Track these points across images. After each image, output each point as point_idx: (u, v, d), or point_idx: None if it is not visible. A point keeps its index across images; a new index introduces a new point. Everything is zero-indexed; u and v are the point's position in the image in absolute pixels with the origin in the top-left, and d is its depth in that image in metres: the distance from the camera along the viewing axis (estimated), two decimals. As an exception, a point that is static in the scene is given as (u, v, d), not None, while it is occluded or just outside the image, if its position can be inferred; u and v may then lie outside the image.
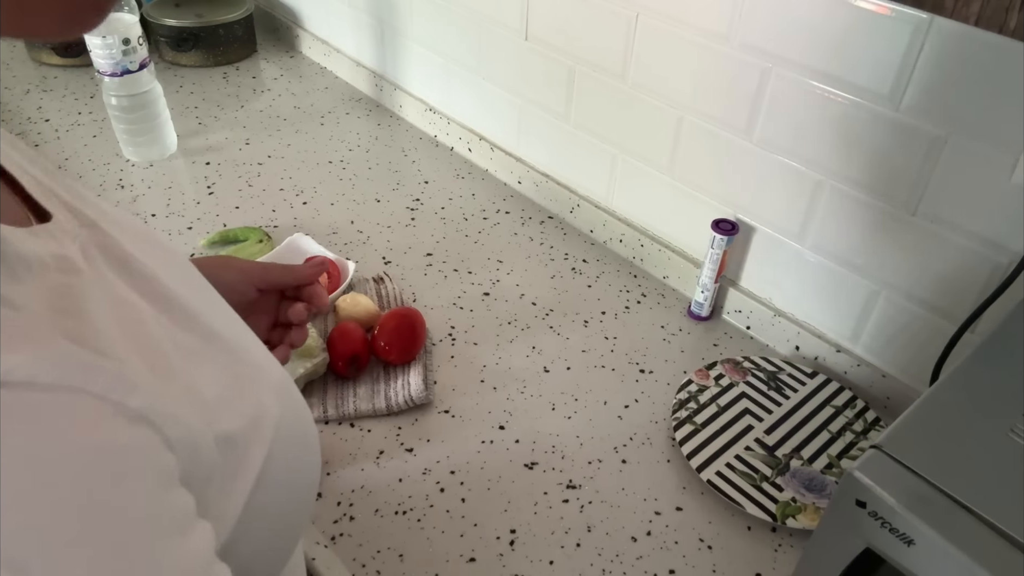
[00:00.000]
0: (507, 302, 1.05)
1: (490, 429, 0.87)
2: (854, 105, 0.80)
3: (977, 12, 0.45)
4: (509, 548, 0.75)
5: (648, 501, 0.80)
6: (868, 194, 0.83)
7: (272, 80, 1.56)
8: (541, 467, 0.83)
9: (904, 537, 0.47)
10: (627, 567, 0.74)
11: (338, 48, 1.56)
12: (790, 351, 0.99)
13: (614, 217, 1.13)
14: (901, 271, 0.84)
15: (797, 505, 0.79)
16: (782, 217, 0.93)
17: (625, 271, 1.12)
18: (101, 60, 1.16)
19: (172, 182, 1.24)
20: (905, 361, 0.89)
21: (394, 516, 0.78)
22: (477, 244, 1.15)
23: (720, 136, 0.95)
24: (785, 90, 0.85)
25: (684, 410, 0.88)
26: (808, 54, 0.82)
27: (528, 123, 1.21)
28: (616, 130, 1.08)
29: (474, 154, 1.33)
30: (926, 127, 0.76)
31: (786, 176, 0.90)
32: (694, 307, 1.03)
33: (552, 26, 1.08)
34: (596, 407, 0.91)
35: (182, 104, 1.45)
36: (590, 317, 1.03)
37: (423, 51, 1.35)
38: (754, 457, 0.83)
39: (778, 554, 0.76)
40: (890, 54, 0.75)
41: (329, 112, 1.46)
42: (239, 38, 1.59)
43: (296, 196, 1.23)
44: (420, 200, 1.24)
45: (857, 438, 0.86)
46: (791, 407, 0.89)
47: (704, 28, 0.90)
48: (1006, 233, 0.75)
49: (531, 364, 0.96)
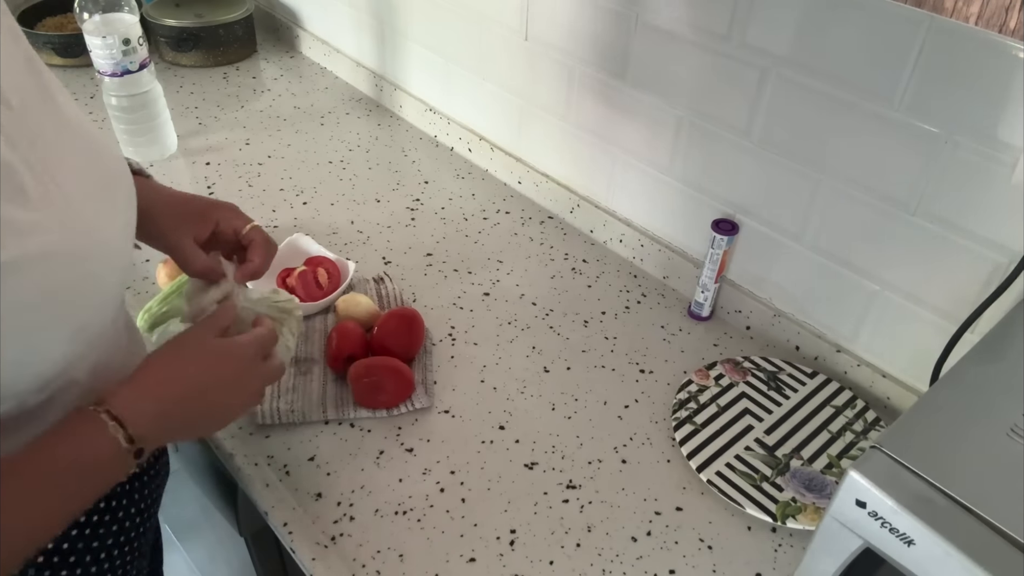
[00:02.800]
0: (507, 302, 1.05)
1: (490, 429, 0.87)
2: (854, 105, 0.80)
3: (977, 12, 0.45)
4: (509, 548, 0.75)
5: (648, 501, 0.80)
6: (868, 194, 0.83)
7: (272, 80, 1.56)
8: (541, 467, 0.83)
9: (904, 537, 0.47)
10: (627, 567, 0.74)
11: (338, 48, 1.56)
12: (790, 351, 0.99)
13: (614, 217, 1.13)
14: (901, 271, 0.84)
15: (797, 505, 0.79)
16: (782, 217, 0.93)
17: (625, 271, 1.12)
18: (101, 60, 1.16)
19: (172, 182, 1.24)
20: (905, 361, 0.89)
21: (394, 516, 0.78)
22: (477, 244, 1.15)
23: (720, 136, 0.95)
24: (785, 90, 0.85)
25: (684, 410, 0.88)
26: (808, 54, 0.82)
27: (528, 123, 1.21)
28: (616, 130, 1.08)
29: (474, 154, 1.33)
30: (926, 127, 0.76)
31: (786, 176, 0.90)
32: (694, 307, 1.03)
33: (552, 26, 1.08)
34: (596, 407, 0.91)
35: (182, 104, 1.45)
36: (590, 317, 1.03)
37: (423, 51, 1.35)
38: (754, 457, 0.83)
39: (778, 554, 0.76)
40: (890, 54, 0.75)
41: (329, 112, 1.46)
42: (239, 38, 1.59)
43: (296, 196, 1.23)
44: (420, 200, 1.24)
45: (857, 438, 0.86)
46: (791, 407, 0.89)
47: (704, 28, 0.90)
48: (1006, 233, 0.75)
49: (531, 364, 0.96)
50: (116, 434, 0.54)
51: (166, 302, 0.92)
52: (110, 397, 0.56)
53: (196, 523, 1.13)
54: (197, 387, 0.61)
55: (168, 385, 0.59)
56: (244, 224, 0.76)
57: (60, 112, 0.56)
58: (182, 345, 0.63)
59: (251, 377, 0.65)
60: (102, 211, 0.57)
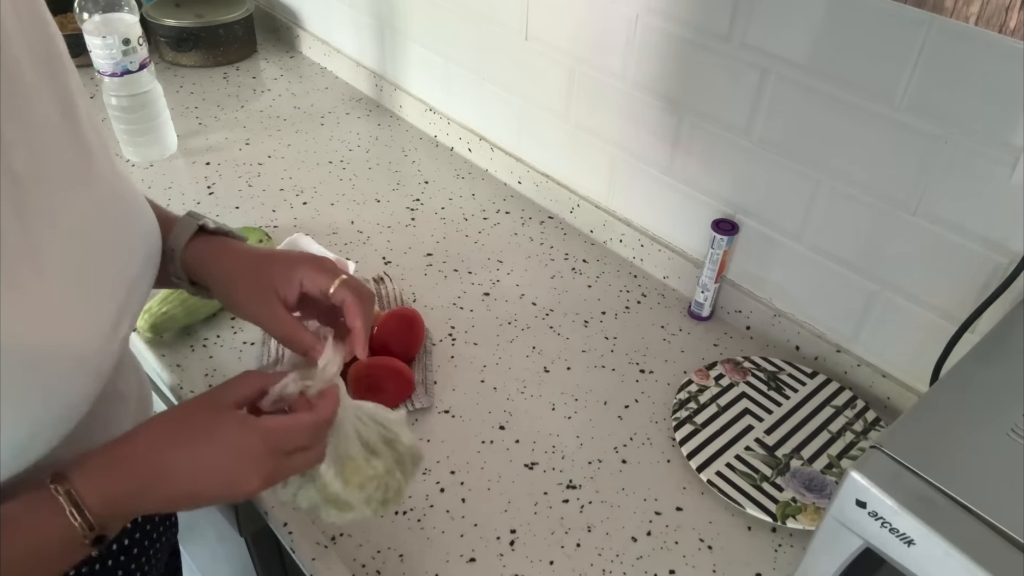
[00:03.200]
0: (507, 302, 1.05)
1: (490, 429, 0.87)
2: (854, 105, 0.80)
3: (977, 12, 0.45)
4: (509, 548, 0.75)
5: (648, 501, 0.80)
6: (868, 194, 0.83)
7: (272, 80, 1.56)
8: (541, 467, 0.83)
9: (904, 537, 0.47)
10: (627, 567, 0.74)
11: (338, 48, 1.56)
12: (790, 351, 0.99)
13: (614, 217, 1.13)
14: (901, 271, 0.84)
15: (797, 505, 0.79)
16: (782, 217, 0.93)
17: (625, 271, 1.12)
18: (101, 60, 1.16)
19: (172, 182, 1.24)
20: (905, 361, 0.89)
21: (394, 516, 0.78)
22: (477, 244, 1.15)
23: (720, 136, 0.95)
24: (785, 90, 0.85)
25: (684, 410, 0.88)
26: (808, 54, 0.82)
27: (528, 123, 1.21)
28: (616, 130, 1.08)
29: (474, 154, 1.33)
30: (926, 127, 0.76)
31: (786, 176, 0.90)
32: (694, 307, 1.03)
33: (552, 26, 1.08)
34: (596, 407, 0.91)
35: (182, 104, 1.45)
36: (590, 317, 1.03)
37: (423, 51, 1.35)
38: (754, 457, 0.83)
39: (778, 554, 0.76)
40: (890, 54, 0.75)
41: (329, 112, 1.46)
42: (239, 38, 1.59)
43: (296, 196, 1.23)
44: (420, 200, 1.24)
45: (857, 438, 0.86)
46: (791, 407, 0.89)
47: (704, 28, 0.90)
48: (1006, 233, 0.75)
49: (531, 364, 0.96)
50: (72, 520, 0.47)
51: (166, 302, 0.92)
52: (74, 470, 0.48)
53: (196, 523, 1.13)
54: (186, 470, 0.50)
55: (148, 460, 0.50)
56: (329, 282, 0.62)
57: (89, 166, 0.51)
58: (187, 414, 0.53)
59: (258, 470, 0.52)
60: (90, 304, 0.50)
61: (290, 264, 0.63)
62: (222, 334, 0.96)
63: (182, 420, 0.53)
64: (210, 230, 0.67)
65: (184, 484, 0.51)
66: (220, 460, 0.51)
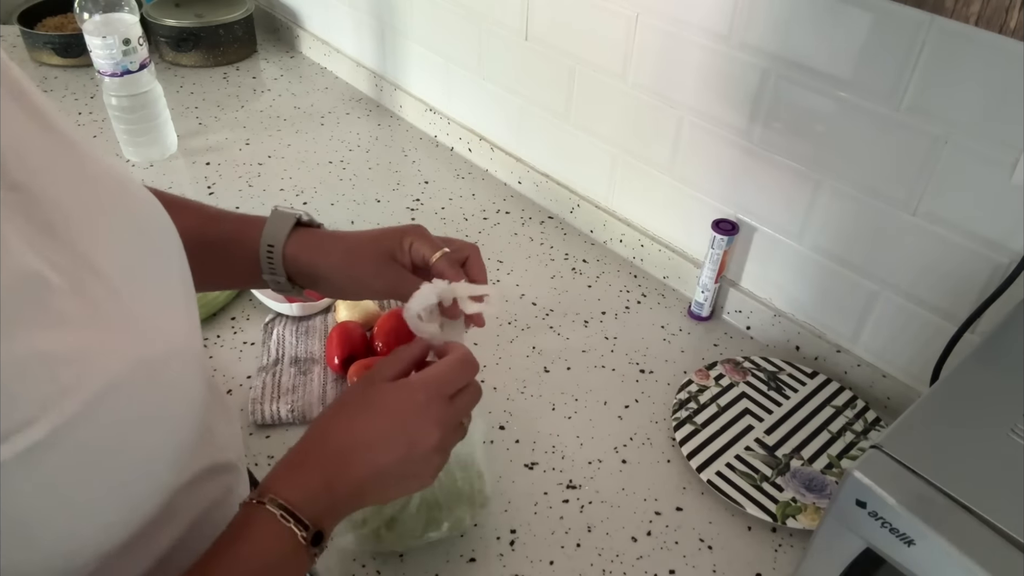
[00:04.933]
0: (507, 302, 1.05)
1: (490, 429, 0.87)
2: (854, 105, 0.80)
3: (977, 12, 0.45)
4: (509, 548, 0.75)
5: (648, 501, 0.80)
6: (868, 194, 0.83)
7: (272, 80, 1.56)
8: (541, 467, 0.83)
9: (904, 537, 0.47)
10: (627, 567, 0.74)
11: (338, 48, 1.56)
12: (790, 351, 0.99)
13: (614, 217, 1.13)
14: (901, 271, 0.84)
15: (797, 505, 0.79)
16: (782, 217, 0.93)
17: (625, 271, 1.12)
18: (101, 60, 1.16)
19: (172, 182, 1.24)
20: (905, 361, 0.89)
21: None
22: (477, 244, 1.15)
23: (720, 136, 0.95)
24: (785, 90, 0.85)
25: (684, 410, 0.88)
26: (808, 54, 0.82)
27: (528, 123, 1.21)
28: (616, 130, 1.08)
29: (474, 154, 1.33)
30: (926, 127, 0.76)
31: (786, 176, 0.90)
32: (694, 307, 1.03)
33: (552, 26, 1.08)
34: (596, 407, 0.91)
35: (182, 104, 1.45)
36: (590, 317, 1.03)
37: (423, 51, 1.35)
38: (754, 457, 0.83)
39: (778, 554, 0.76)
40: (890, 54, 0.75)
41: (329, 112, 1.46)
42: (239, 38, 1.59)
43: (296, 196, 1.23)
44: (420, 200, 1.24)
45: (857, 438, 0.86)
46: (791, 407, 0.89)
47: (704, 28, 0.90)
48: (1006, 233, 0.75)
49: (531, 364, 0.96)
50: (287, 523, 0.47)
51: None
52: (266, 482, 0.49)
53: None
54: (360, 446, 0.52)
55: (325, 449, 0.51)
56: (432, 252, 0.64)
57: (83, 166, 0.43)
58: (345, 398, 0.55)
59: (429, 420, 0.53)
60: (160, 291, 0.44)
61: (399, 233, 0.65)
62: (222, 334, 0.96)
63: (341, 405, 0.54)
64: (304, 223, 0.67)
65: (365, 462, 0.52)
66: (386, 424, 0.53)
